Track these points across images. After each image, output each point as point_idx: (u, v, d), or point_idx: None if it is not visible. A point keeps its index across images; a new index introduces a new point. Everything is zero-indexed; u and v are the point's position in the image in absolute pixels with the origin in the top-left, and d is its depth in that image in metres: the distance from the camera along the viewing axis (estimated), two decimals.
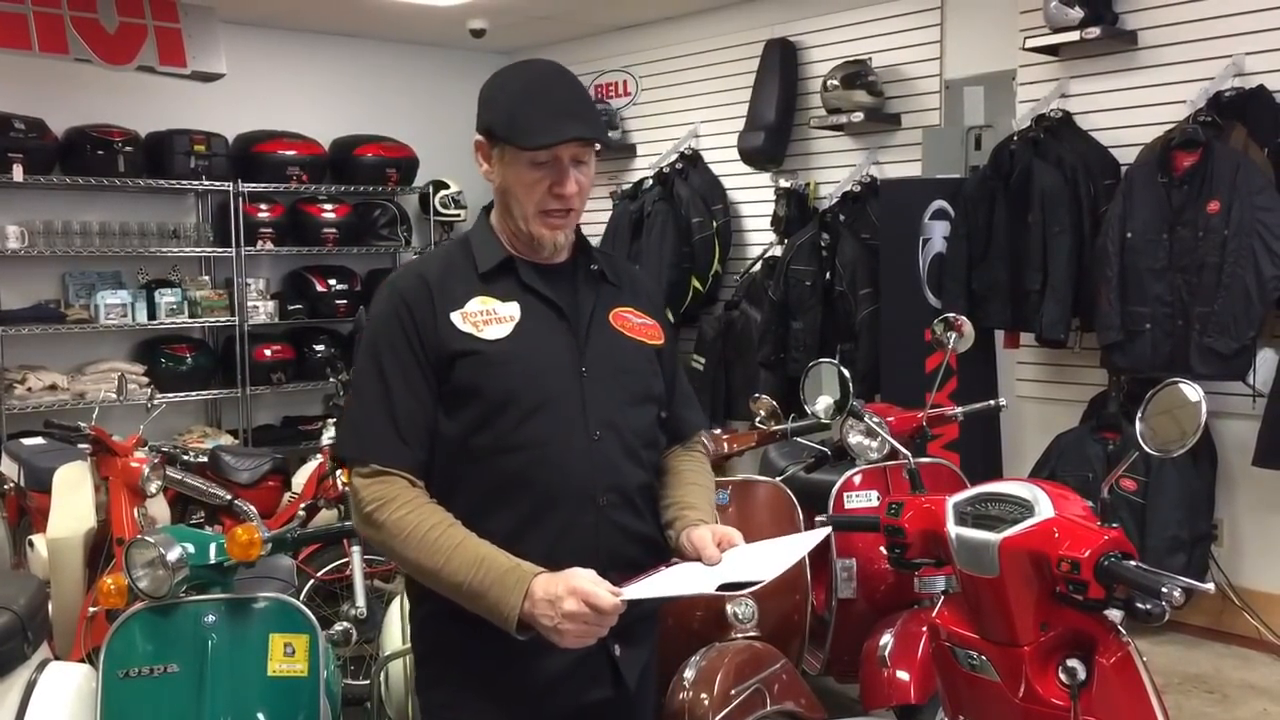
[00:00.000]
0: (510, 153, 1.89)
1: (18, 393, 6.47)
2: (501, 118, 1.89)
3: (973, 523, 2.05)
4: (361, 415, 1.91)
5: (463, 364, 1.87)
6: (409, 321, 1.88)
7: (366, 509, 1.85)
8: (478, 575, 1.76)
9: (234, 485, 4.88)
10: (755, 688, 2.88)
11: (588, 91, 1.95)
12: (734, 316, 6.68)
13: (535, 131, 1.85)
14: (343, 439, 1.99)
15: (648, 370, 2.03)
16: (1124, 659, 1.94)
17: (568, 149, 1.87)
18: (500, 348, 1.88)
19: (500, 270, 1.94)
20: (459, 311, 1.89)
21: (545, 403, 1.88)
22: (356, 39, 7.96)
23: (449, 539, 1.80)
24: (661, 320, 2.11)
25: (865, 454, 3.60)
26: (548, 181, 1.88)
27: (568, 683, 1.90)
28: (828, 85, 6.22)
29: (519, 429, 1.86)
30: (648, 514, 1.99)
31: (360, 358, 1.94)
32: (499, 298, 1.92)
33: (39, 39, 6.00)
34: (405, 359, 1.87)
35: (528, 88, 1.91)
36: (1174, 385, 2.12)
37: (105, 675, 2.65)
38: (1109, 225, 4.86)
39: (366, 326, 1.97)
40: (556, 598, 1.70)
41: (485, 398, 1.87)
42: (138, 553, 2.71)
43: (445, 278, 1.93)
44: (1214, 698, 4.38)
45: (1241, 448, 4.83)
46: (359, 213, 7.79)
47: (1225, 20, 4.89)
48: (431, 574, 1.81)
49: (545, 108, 1.87)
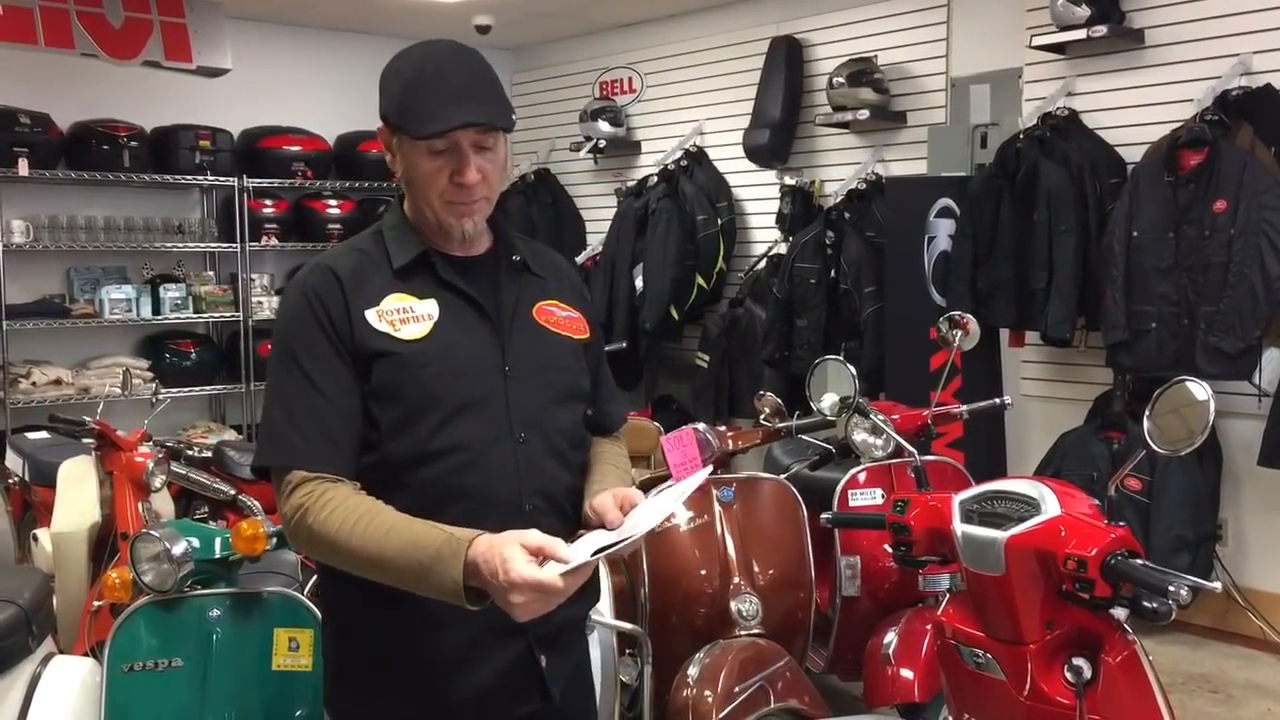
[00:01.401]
0: (407, 141, 1.78)
1: (22, 387, 6.48)
2: (394, 104, 1.79)
3: (979, 520, 2.04)
4: (285, 419, 1.75)
5: (380, 366, 1.75)
6: (323, 315, 1.76)
7: (292, 520, 1.72)
8: (415, 557, 1.62)
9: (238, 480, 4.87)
10: (759, 685, 2.87)
11: (490, 71, 1.82)
12: (738, 314, 6.67)
13: (426, 119, 1.74)
14: (263, 447, 1.79)
15: (574, 367, 1.93)
16: (1130, 658, 1.94)
17: (466, 135, 1.76)
18: (418, 348, 1.77)
19: (416, 265, 1.83)
20: (374, 309, 1.78)
21: (467, 405, 1.78)
22: (362, 35, 7.96)
23: (377, 528, 1.66)
24: (587, 312, 2.01)
25: (870, 452, 3.59)
26: (448, 170, 1.78)
27: (493, 697, 1.81)
28: (833, 83, 6.21)
29: (439, 433, 1.76)
30: (574, 519, 1.88)
31: (272, 361, 1.81)
32: (415, 295, 1.81)
33: (44, 33, 6.01)
34: (324, 354, 1.75)
35: (420, 71, 1.79)
36: (1181, 384, 2.11)
37: (110, 669, 2.66)
38: (1115, 224, 4.85)
39: (277, 327, 1.84)
40: (501, 590, 1.56)
41: (403, 401, 1.76)
42: (143, 547, 2.72)
43: (357, 273, 1.80)
44: (1218, 698, 4.37)
45: (1247, 447, 4.82)
46: (363, 209, 7.79)
47: (1232, 19, 4.88)
48: (371, 567, 1.67)
49: (438, 93, 1.76)
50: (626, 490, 1.83)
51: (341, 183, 7.72)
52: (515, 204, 7.94)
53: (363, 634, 1.82)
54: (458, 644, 1.75)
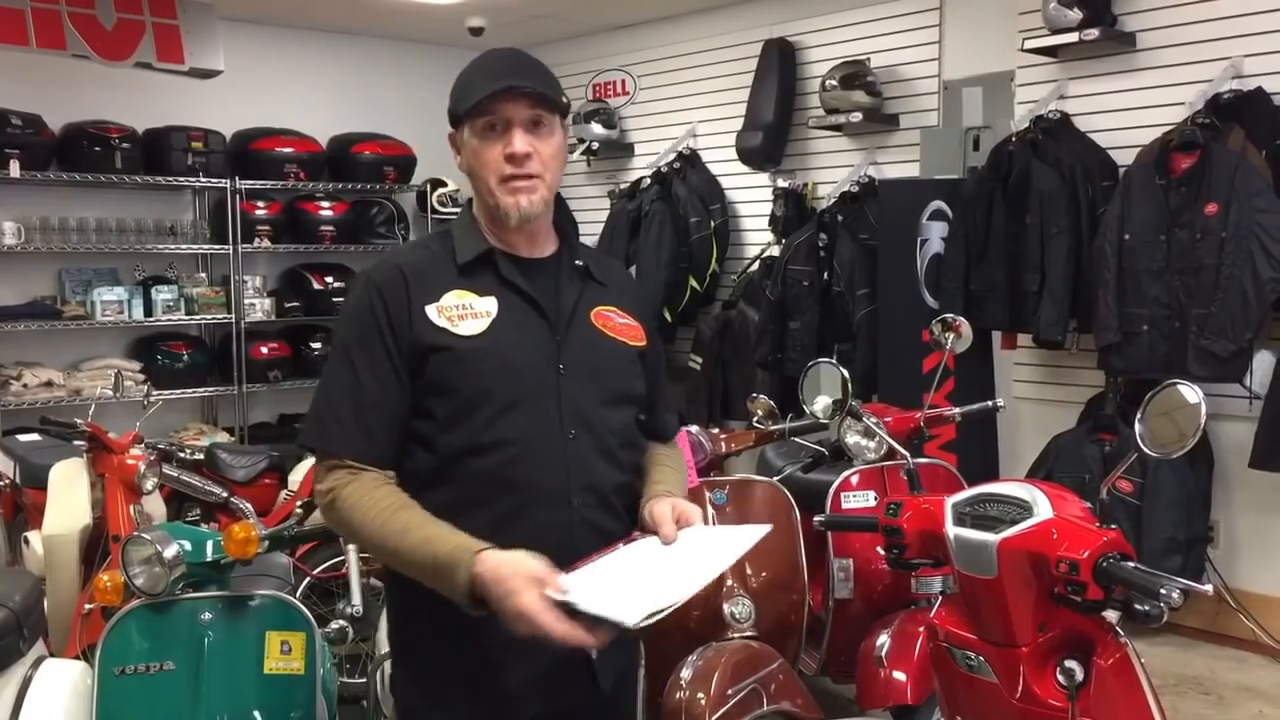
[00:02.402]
0: (466, 130, 1.88)
1: (13, 389, 6.45)
2: (453, 100, 1.90)
3: (971, 523, 2.04)
4: (325, 405, 1.88)
5: (436, 359, 1.84)
6: (382, 314, 1.85)
7: (325, 499, 1.84)
8: (426, 557, 1.73)
9: (230, 483, 4.86)
10: (752, 688, 2.88)
11: (539, 62, 1.92)
12: (731, 316, 6.68)
13: (475, 95, 1.85)
14: (306, 428, 1.94)
15: (628, 371, 1.99)
16: (1122, 660, 1.94)
17: (515, 109, 1.84)
18: (475, 344, 1.85)
19: (479, 263, 1.91)
20: (434, 305, 1.86)
21: (520, 400, 1.85)
22: (355, 36, 7.95)
23: (397, 522, 1.76)
24: (647, 322, 2.07)
25: (863, 454, 3.59)
26: (499, 146, 1.86)
27: (542, 686, 1.87)
28: (826, 85, 6.22)
29: (492, 427, 1.83)
30: (624, 514, 1.95)
31: (332, 348, 1.93)
32: (476, 292, 1.89)
33: (36, 34, 5.99)
34: (375, 351, 1.84)
35: (476, 65, 1.92)
36: (1173, 387, 2.12)
37: (101, 672, 2.65)
38: (1107, 227, 4.86)
39: (339, 317, 1.95)
40: (506, 612, 1.64)
41: (458, 394, 1.84)
42: (134, 550, 2.71)
43: (423, 270, 1.89)
44: (1209, 699, 4.38)
45: (1238, 450, 4.83)
46: (356, 210, 7.78)
47: (1224, 22, 4.89)
48: (390, 555, 1.79)
49: (487, 75, 1.87)
50: (686, 507, 1.88)
51: (334, 184, 7.70)
52: None
53: (425, 617, 1.88)
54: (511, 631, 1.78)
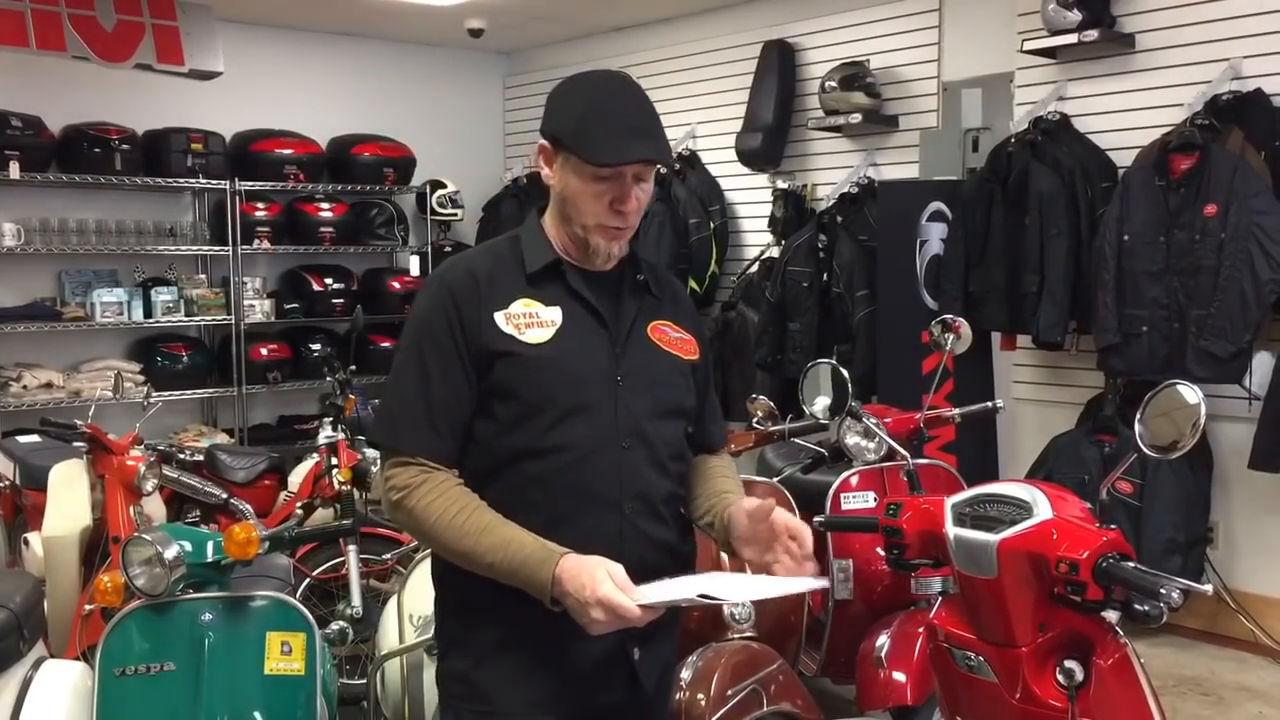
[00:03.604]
0: (575, 163, 1.89)
1: (13, 390, 6.46)
2: (569, 127, 1.90)
3: (971, 523, 2.04)
4: (397, 403, 1.93)
5: (501, 365, 1.89)
6: (454, 316, 1.90)
7: (395, 496, 1.88)
8: (506, 556, 1.80)
9: (230, 484, 4.87)
10: (752, 688, 2.87)
11: (655, 109, 1.95)
12: (731, 317, 6.68)
13: (603, 148, 1.86)
14: (378, 425, 2.01)
15: (681, 384, 2.04)
16: (1122, 660, 1.94)
17: (632, 167, 1.89)
18: (539, 351, 1.90)
19: (547, 273, 1.96)
20: (502, 312, 1.91)
21: (580, 408, 1.90)
22: (354, 38, 7.96)
23: (475, 523, 1.83)
24: (699, 336, 2.13)
25: (862, 455, 3.59)
26: (609, 196, 1.90)
27: (584, 683, 1.93)
28: (825, 87, 6.23)
29: (551, 433, 1.89)
30: (672, 523, 2.03)
31: (402, 346, 1.96)
32: (543, 301, 1.94)
33: (36, 36, 5.99)
34: (447, 352, 1.89)
35: (599, 101, 1.92)
36: (1172, 387, 2.12)
37: (101, 673, 2.65)
38: (1106, 228, 4.86)
39: (412, 316, 1.98)
40: (583, 604, 1.73)
41: (521, 400, 1.89)
42: (135, 550, 2.71)
43: (493, 276, 1.94)
44: (1209, 700, 4.38)
45: (1237, 450, 4.83)
46: (356, 212, 7.79)
47: (1223, 24, 4.90)
48: (462, 556, 1.84)
49: (615, 124, 1.88)
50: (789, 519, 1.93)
51: (334, 186, 7.70)
52: (508, 207, 7.95)
53: (475, 611, 1.94)
54: (557, 629, 1.83)
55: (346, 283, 7.69)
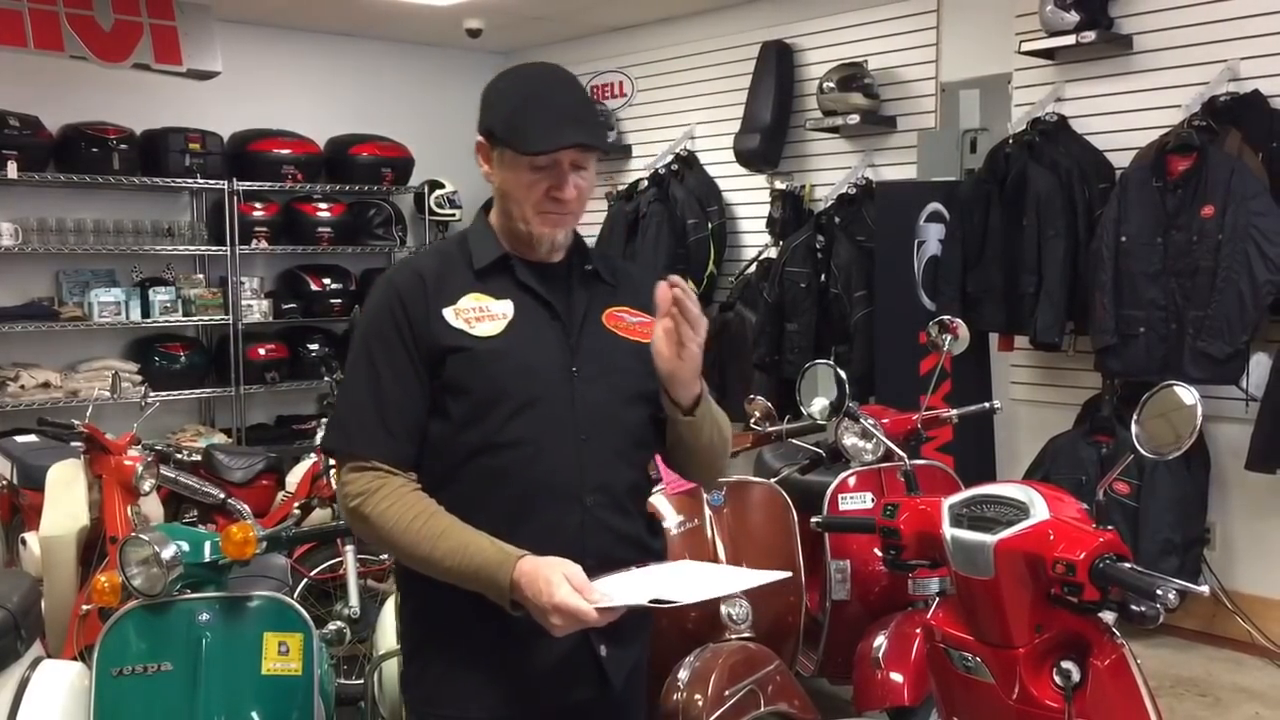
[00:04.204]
0: (510, 156, 1.90)
1: (11, 390, 6.45)
2: (502, 121, 1.90)
3: (968, 524, 2.05)
4: (350, 407, 1.93)
5: (453, 360, 1.88)
6: (402, 317, 1.89)
7: (352, 503, 1.87)
8: (463, 560, 1.78)
9: (227, 484, 4.87)
10: (749, 689, 2.88)
11: (589, 96, 1.97)
12: (729, 318, 6.67)
13: (535, 137, 1.86)
14: (330, 432, 2.00)
15: (642, 370, 1.98)
16: (1118, 661, 1.94)
17: (568, 154, 1.88)
18: (491, 345, 1.89)
19: (496, 268, 1.95)
20: (452, 308, 1.90)
21: (534, 401, 1.89)
22: (352, 38, 7.95)
23: (432, 527, 1.82)
24: None
25: (860, 456, 3.60)
26: (546, 184, 1.89)
27: (553, 682, 1.92)
28: (823, 87, 6.23)
29: (506, 427, 1.87)
30: (637, 515, 2.00)
31: (352, 352, 1.96)
32: (493, 295, 1.93)
33: (34, 36, 5.99)
34: (396, 353, 1.88)
35: (530, 91, 1.93)
36: (1169, 388, 2.12)
37: (98, 673, 2.64)
38: (1103, 229, 4.87)
39: (360, 320, 1.98)
40: (540, 610, 1.72)
41: (474, 395, 1.88)
42: (132, 550, 2.70)
43: (441, 274, 1.94)
44: (1206, 701, 4.39)
45: (1234, 451, 4.84)
46: (354, 212, 7.78)
47: (1220, 25, 4.90)
48: (421, 562, 1.83)
49: (546, 113, 1.88)
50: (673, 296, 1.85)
51: (332, 186, 7.70)
52: None
53: (438, 614, 1.93)
54: (523, 630, 1.81)
55: (344, 283, 7.68)
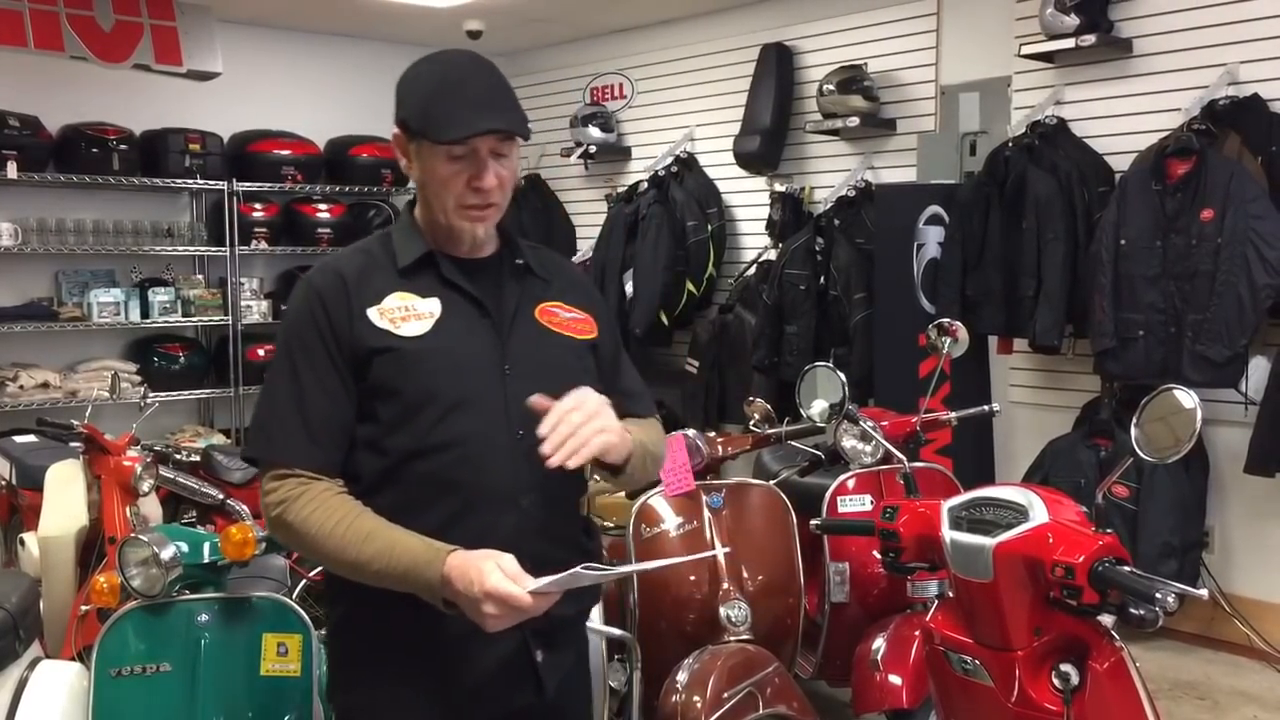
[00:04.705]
0: (427, 147, 1.83)
1: (10, 390, 6.45)
2: (416, 111, 1.85)
3: (967, 527, 2.05)
4: (271, 413, 1.85)
5: (379, 362, 1.81)
6: (323, 319, 1.83)
7: (274, 511, 1.80)
8: (392, 561, 1.71)
9: (226, 485, 4.86)
10: (748, 691, 2.88)
11: (506, 82, 1.90)
12: (728, 320, 6.68)
13: (449, 125, 1.80)
14: (252, 439, 1.90)
15: (576, 366, 1.95)
16: (1117, 664, 1.95)
17: (485, 142, 1.82)
18: (418, 345, 1.83)
19: (420, 266, 1.89)
20: (376, 308, 1.84)
21: (465, 400, 1.83)
22: (352, 39, 7.96)
23: (357, 531, 1.74)
24: (598, 314, 2.04)
25: (859, 458, 3.60)
26: (466, 175, 1.83)
27: (489, 689, 1.86)
28: (823, 90, 6.23)
29: (437, 428, 1.81)
30: (571, 515, 1.96)
31: (274, 355, 1.90)
32: (419, 294, 1.87)
33: (34, 36, 5.99)
34: (318, 357, 1.82)
35: (443, 80, 1.86)
36: (1169, 392, 2.12)
37: (97, 674, 2.65)
38: (1103, 232, 4.87)
39: (281, 323, 1.92)
40: (474, 600, 1.64)
41: (403, 396, 1.81)
42: (131, 551, 2.71)
43: (363, 274, 1.87)
44: (1204, 704, 4.39)
45: (1233, 455, 4.84)
46: (354, 213, 7.78)
47: (1220, 29, 4.90)
48: (349, 567, 1.75)
49: (460, 100, 1.82)
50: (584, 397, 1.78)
51: (331, 187, 7.70)
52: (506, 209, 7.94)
53: (366, 625, 1.87)
54: (457, 634, 1.76)
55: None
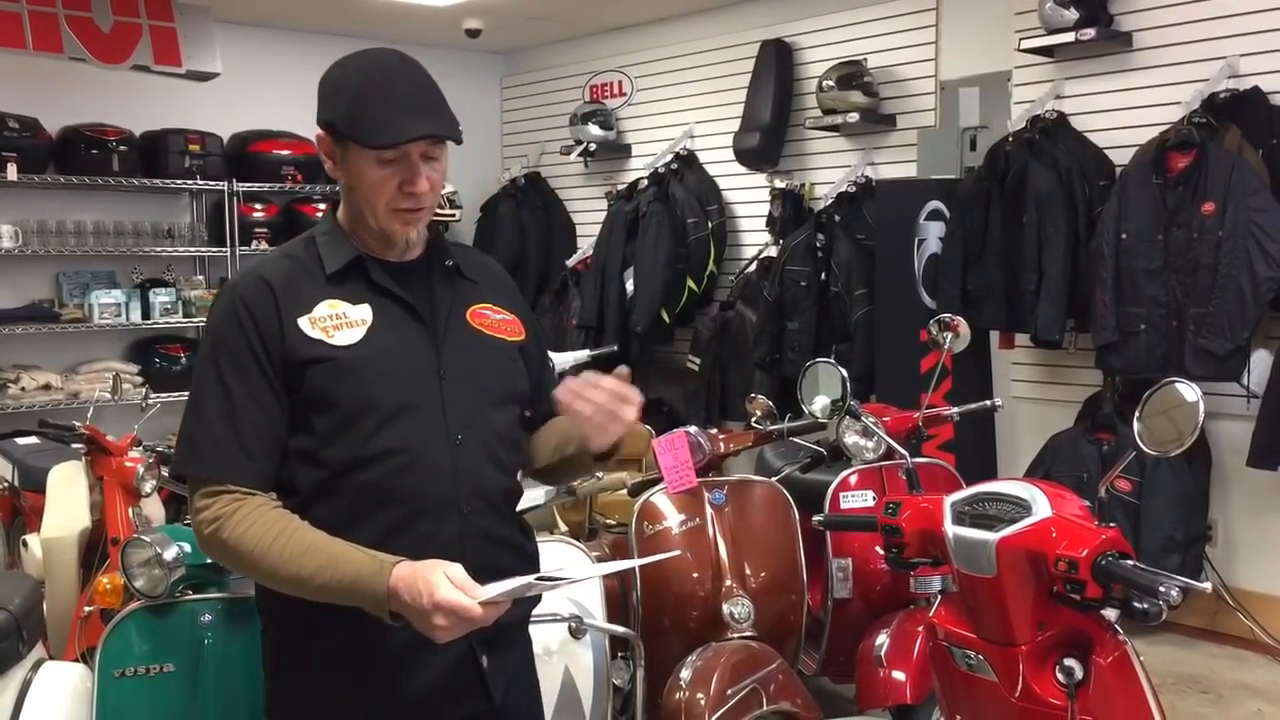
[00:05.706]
0: (355, 150, 1.78)
1: (11, 392, 6.45)
2: (343, 113, 1.79)
3: (970, 522, 2.05)
4: (199, 427, 1.76)
5: (313, 373, 1.76)
6: (251, 328, 1.76)
7: (207, 530, 1.72)
8: (335, 575, 1.66)
9: None
10: (751, 688, 2.88)
11: (434, 81, 1.83)
12: (729, 317, 6.68)
13: (380, 129, 1.75)
14: (180, 455, 1.80)
15: (510, 369, 1.94)
16: (1121, 658, 1.94)
17: (417, 146, 1.77)
18: (353, 353, 1.78)
19: (349, 271, 1.84)
20: (307, 317, 1.78)
21: (403, 409, 1.79)
22: (352, 39, 7.92)
23: (296, 545, 1.68)
24: (523, 315, 2.03)
25: (861, 454, 3.60)
26: (397, 179, 1.78)
27: (436, 697, 1.82)
28: (823, 86, 6.22)
29: (376, 438, 1.77)
30: (512, 520, 1.94)
31: (198, 367, 1.81)
32: (349, 300, 1.82)
33: (33, 38, 5.99)
34: (247, 367, 1.75)
35: (370, 80, 1.80)
36: (1171, 385, 2.12)
37: (101, 675, 2.65)
38: (1104, 226, 4.87)
39: (204, 332, 1.85)
40: (423, 611, 1.59)
41: (340, 407, 1.76)
42: (134, 552, 2.71)
43: (290, 281, 1.81)
44: (1208, 698, 4.38)
45: (1236, 448, 4.84)
46: None
47: (1220, 22, 4.90)
48: (290, 583, 1.69)
49: (389, 102, 1.77)
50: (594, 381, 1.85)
51: (331, 187, 7.69)
52: (506, 208, 7.95)
53: (302, 639, 1.82)
54: (399, 645, 1.74)
55: None
